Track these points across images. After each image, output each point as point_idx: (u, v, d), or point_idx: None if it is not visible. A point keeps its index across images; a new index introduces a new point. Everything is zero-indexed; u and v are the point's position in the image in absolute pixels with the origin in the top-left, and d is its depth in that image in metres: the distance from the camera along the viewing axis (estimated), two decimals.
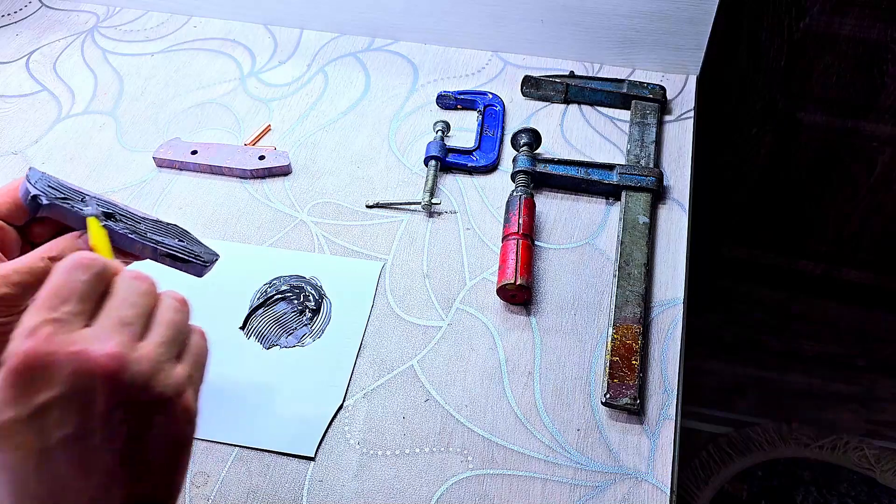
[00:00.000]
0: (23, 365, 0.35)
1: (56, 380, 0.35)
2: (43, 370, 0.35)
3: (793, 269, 1.36)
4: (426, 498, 0.56)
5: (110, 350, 0.36)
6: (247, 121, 0.84)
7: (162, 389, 0.38)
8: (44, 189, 0.47)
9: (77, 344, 0.36)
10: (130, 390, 0.36)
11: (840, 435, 1.30)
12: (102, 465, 0.36)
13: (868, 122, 1.08)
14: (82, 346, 0.36)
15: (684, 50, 0.85)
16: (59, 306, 0.37)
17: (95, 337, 0.37)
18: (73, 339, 0.36)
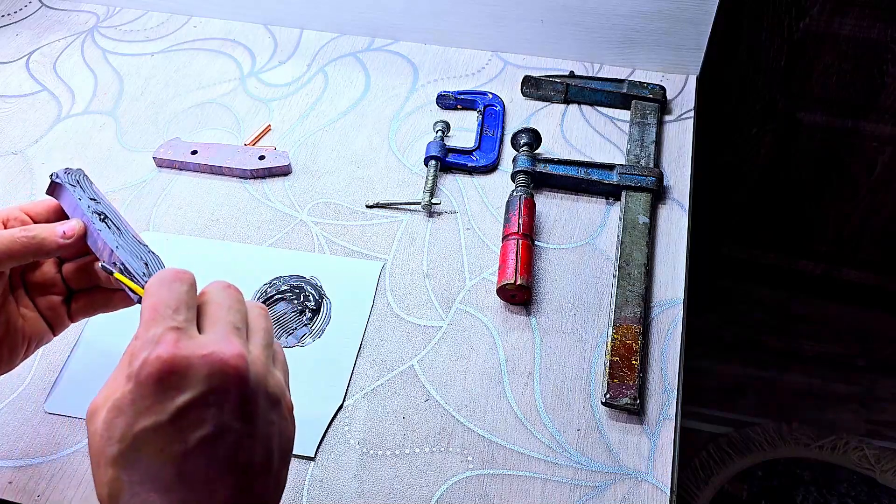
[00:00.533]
0: (160, 370, 0.36)
1: (192, 382, 0.37)
2: (179, 374, 0.37)
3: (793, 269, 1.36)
4: (426, 498, 0.56)
5: (237, 351, 0.38)
6: (247, 121, 0.84)
7: (273, 389, 0.40)
8: (65, 177, 0.51)
9: (206, 347, 0.38)
10: (256, 389, 0.39)
11: (840, 435, 1.30)
12: (236, 464, 0.38)
13: (868, 122, 1.08)
14: (212, 349, 0.38)
15: (684, 50, 0.85)
16: (173, 315, 0.39)
17: (218, 340, 0.38)
18: (201, 343, 0.38)
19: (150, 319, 0.38)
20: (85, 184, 0.52)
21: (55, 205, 0.51)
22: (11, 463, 0.58)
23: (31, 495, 0.56)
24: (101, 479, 0.37)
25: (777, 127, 1.12)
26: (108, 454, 0.37)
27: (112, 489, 0.37)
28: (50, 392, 0.62)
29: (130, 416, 0.37)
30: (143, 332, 0.38)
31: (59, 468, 0.58)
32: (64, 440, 0.59)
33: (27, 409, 0.61)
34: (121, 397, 0.37)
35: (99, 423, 0.38)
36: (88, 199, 0.51)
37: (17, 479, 0.57)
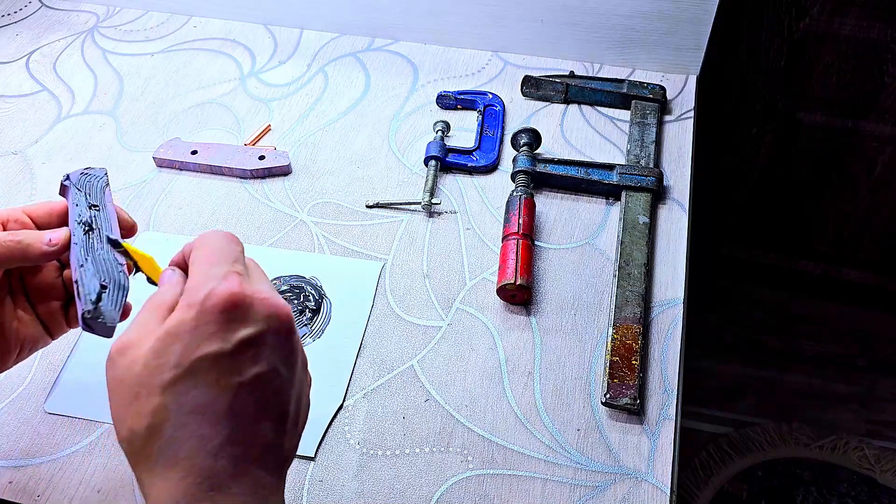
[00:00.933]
0: (227, 302, 0.38)
1: (254, 319, 0.39)
2: (243, 310, 0.38)
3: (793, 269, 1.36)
4: (426, 498, 0.56)
5: (287, 306, 0.41)
6: (247, 121, 0.84)
7: (304, 352, 0.43)
8: (76, 179, 0.51)
9: (264, 293, 0.40)
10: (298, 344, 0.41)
11: (840, 435, 1.30)
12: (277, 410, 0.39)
13: (868, 122, 1.08)
14: (270, 294, 0.40)
15: (684, 50, 0.85)
16: (234, 263, 0.41)
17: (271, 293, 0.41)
18: (259, 290, 0.40)
19: (213, 261, 0.40)
20: (94, 188, 0.50)
21: (59, 207, 0.51)
22: (11, 463, 0.58)
23: (31, 495, 0.56)
24: (140, 410, 0.37)
25: (777, 127, 1.12)
26: (158, 381, 0.37)
27: (155, 419, 0.37)
28: (50, 392, 0.62)
29: (191, 342, 0.37)
30: (205, 268, 0.40)
31: (59, 468, 0.58)
32: (64, 440, 0.59)
33: (27, 409, 0.61)
34: (177, 325, 0.38)
35: (140, 353, 0.38)
36: (86, 206, 0.49)
37: (18, 479, 0.57)
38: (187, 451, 0.37)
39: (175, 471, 0.37)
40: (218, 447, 0.37)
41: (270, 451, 0.39)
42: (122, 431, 0.38)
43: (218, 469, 0.37)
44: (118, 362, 0.39)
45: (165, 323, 0.38)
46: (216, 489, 0.37)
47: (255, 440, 0.38)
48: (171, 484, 0.36)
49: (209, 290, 0.38)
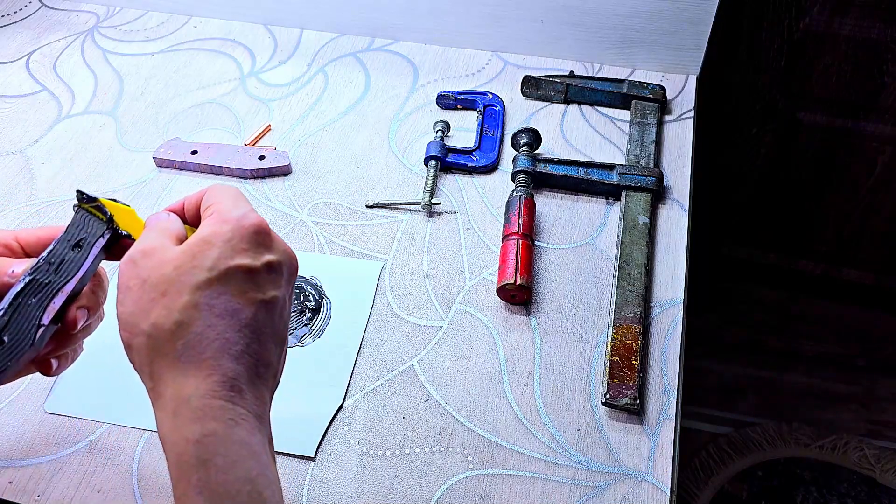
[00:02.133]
0: (259, 227, 0.43)
1: (276, 250, 0.43)
2: (269, 239, 0.43)
3: (793, 269, 1.36)
4: (426, 498, 0.56)
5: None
6: (247, 121, 0.84)
7: None
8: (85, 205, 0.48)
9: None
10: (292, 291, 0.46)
11: (840, 435, 1.30)
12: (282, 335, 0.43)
13: (868, 122, 1.08)
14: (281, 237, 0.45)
15: (684, 50, 0.85)
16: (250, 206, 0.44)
17: None
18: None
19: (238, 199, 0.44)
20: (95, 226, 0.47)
21: (46, 236, 0.48)
22: (12, 462, 0.58)
23: (31, 495, 0.56)
24: (169, 307, 0.39)
25: (777, 127, 1.12)
26: (192, 280, 0.39)
27: (185, 316, 0.39)
28: (50, 392, 0.62)
29: (226, 251, 0.41)
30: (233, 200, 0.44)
31: (59, 468, 0.58)
32: (64, 440, 0.59)
33: (27, 409, 0.61)
34: (212, 234, 0.41)
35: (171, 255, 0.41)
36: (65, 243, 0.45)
37: (18, 478, 0.57)
38: (213, 352, 0.39)
39: (200, 368, 0.39)
40: (239, 353, 0.39)
41: (272, 370, 0.42)
42: (143, 324, 0.39)
43: (238, 372, 0.39)
44: (142, 263, 0.41)
45: (198, 232, 0.42)
46: (235, 390, 0.39)
47: (263, 357, 0.41)
48: (196, 380, 0.38)
49: (243, 213, 0.42)
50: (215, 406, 0.38)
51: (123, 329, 0.41)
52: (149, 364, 0.40)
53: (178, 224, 0.45)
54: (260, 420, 0.40)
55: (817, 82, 1.05)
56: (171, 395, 0.39)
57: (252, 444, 0.39)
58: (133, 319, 0.40)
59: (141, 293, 0.40)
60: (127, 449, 0.59)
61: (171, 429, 0.38)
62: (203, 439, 0.37)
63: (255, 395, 0.40)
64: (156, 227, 0.44)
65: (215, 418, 0.38)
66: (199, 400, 0.38)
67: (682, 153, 0.80)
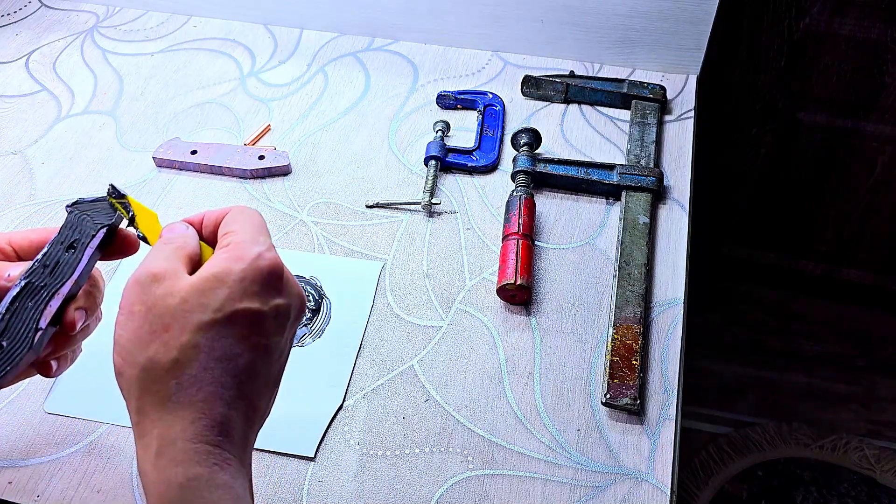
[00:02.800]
0: (273, 269, 0.41)
1: (287, 293, 0.41)
2: (283, 282, 0.41)
3: (793, 269, 1.36)
4: (426, 498, 0.56)
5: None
6: (246, 121, 0.84)
7: None
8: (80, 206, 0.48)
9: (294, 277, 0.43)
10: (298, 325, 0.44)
11: (840, 435, 1.30)
12: (276, 379, 0.43)
13: (868, 122, 1.08)
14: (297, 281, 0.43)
15: (684, 50, 0.85)
16: (269, 241, 0.43)
17: None
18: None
19: (257, 230, 0.42)
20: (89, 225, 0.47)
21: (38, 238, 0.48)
22: (11, 463, 0.58)
23: (31, 495, 0.56)
24: (168, 343, 0.38)
25: (777, 127, 1.12)
26: (195, 320, 0.38)
27: (182, 355, 0.38)
28: (49, 392, 0.62)
29: (236, 291, 0.39)
30: (253, 233, 0.42)
31: (59, 468, 0.58)
32: (64, 440, 0.59)
33: (27, 409, 0.61)
34: (224, 272, 0.39)
35: (180, 287, 0.39)
36: (59, 245, 0.45)
37: (17, 479, 0.57)
38: (206, 395, 0.38)
39: (191, 410, 0.38)
40: (232, 398, 0.38)
41: (260, 414, 0.41)
42: (139, 356, 0.38)
43: (228, 417, 0.38)
44: (150, 288, 0.39)
45: (210, 266, 0.40)
46: (223, 434, 0.38)
47: (255, 402, 0.40)
48: (184, 423, 0.38)
49: (259, 252, 0.40)
50: (201, 451, 0.37)
51: (118, 354, 0.39)
52: (137, 398, 0.39)
53: (194, 242, 0.43)
54: (242, 462, 0.39)
55: (817, 82, 1.05)
56: (158, 435, 0.38)
57: (234, 487, 0.38)
58: (131, 347, 0.39)
59: (143, 322, 0.39)
60: (126, 449, 0.59)
61: (154, 468, 0.37)
62: (187, 483, 0.37)
63: (242, 439, 0.40)
64: (171, 245, 0.42)
65: (200, 463, 0.37)
66: (185, 444, 0.37)
67: (683, 153, 0.80)
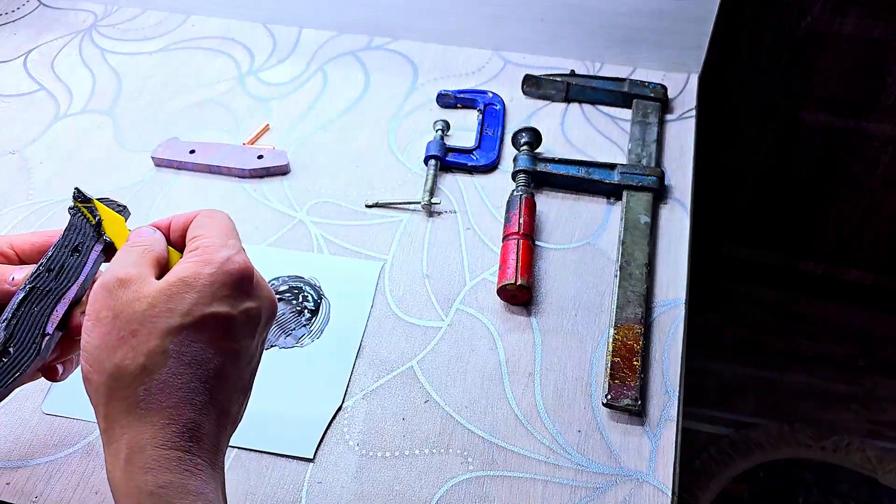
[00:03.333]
0: (243, 273, 0.40)
1: (257, 296, 0.41)
2: (252, 284, 0.41)
3: (793, 269, 1.35)
4: (426, 499, 0.56)
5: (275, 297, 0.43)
6: (245, 120, 0.83)
7: None
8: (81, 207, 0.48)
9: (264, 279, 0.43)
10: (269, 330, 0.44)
11: (841, 435, 1.30)
12: (247, 385, 0.42)
13: (869, 122, 1.08)
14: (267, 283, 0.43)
15: (686, 49, 0.85)
16: (239, 244, 0.42)
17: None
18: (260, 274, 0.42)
19: (226, 233, 0.42)
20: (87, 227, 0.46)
21: (41, 241, 0.48)
22: (9, 464, 0.58)
23: (29, 496, 0.56)
24: (136, 348, 0.37)
25: (778, 127, 1.12)
26: (164, 324, 0.37)
27: (151, 361, 0.37)
28: (47, 393, 0.61)
29: (205, 296, 0.38)
30: (221, 237, 0.41)
31: (58, 469, 0.57)
32: (62, 441, 0.59)
33: (25, 409, 0.61)
34: (193, 276, 0.39)
35: (147, 291, 0.38)
36: (63, 248, 0.45)
37: (15, 480, 0.57)
38: (175, 400, 0.37)
39: (160, 416, 0.37)
40: (202, 403, 0.38)
41: (231, 419, 0.41)
42: (106, 363, 0.38)
43: (199, 423, 0.38)
44: (116, 293, 0.38)
45: (178, 271, 0.39)
46: (194, 440, 0.38)
47: (226, 406, 0.40)
48: (153, 429, 0.37)
49: (229, 255, 0.40)
50: (172, 457, 0.37)
51: (85, 360, 0.39)
52: (105, 404, 0.38)
53: (161, 245, 0.43)
54: (214, 467, 0.39)
55: (818, 82, 1.05)
56: (126, 441, 0.37)
57: (206, 493, 0.38)
58: (97, 354, 0.38)
59: (111, 327, 0.38)
60: None
61: (124, 476, 0.37)
62: (157, 490, 0.36)
63: (213, 444, 0.39)
64: (137, 248, 0.42)
65: (171, 469, 0.37)
66: (155, 450, 0.37)
67: (684, 152, 0.79)
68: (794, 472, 1.27)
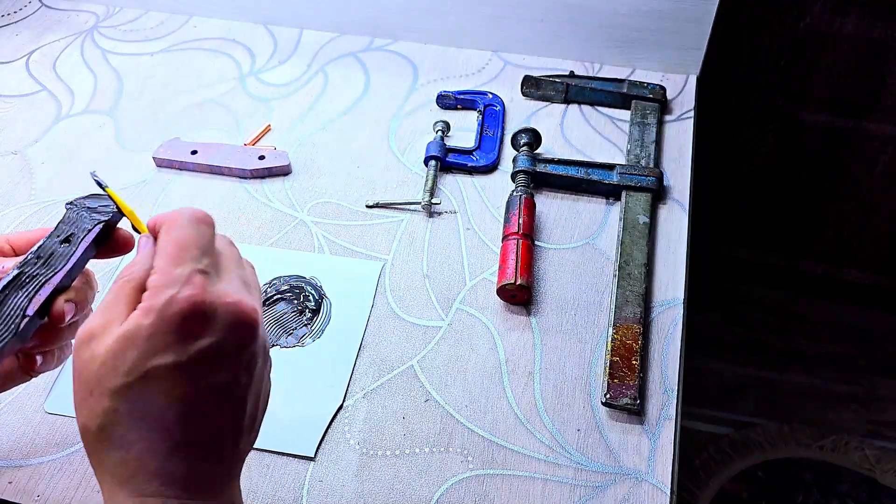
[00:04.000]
0: (187, 311, 0.36)
1: (216, 327, 0.37)
2: (205, 317, 0.36)
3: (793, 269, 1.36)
4: (426, 498, 0.56)
5: (253, 305, 0.38)
6: (246, 121, 0.84)
7: (268, 347, 0.41)
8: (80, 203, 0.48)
9: (230, 296, 0.38)
10: (261, 344, 0.40)
11: (840, 435, 1.30)
12: (237, 411, 0.39)
13: (869, 122, 1.08)
14: (235, 298, 0.38)
15: (685, 49, 0.85)
16: (200, 258, 0.38)
17: (237, 291, 0.38)
18: (225, 291, 0.38)
19: (177, 257, 0.38)
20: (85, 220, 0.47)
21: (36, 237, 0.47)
22: (11, 463, 0.58)
23: (31, 495, 0.56)
24: (93, 409, 0.36)
25: (777, 127, 1.12)
26: (110, 385, 0.36)
27: (105, 421, 0.36)
28: (49, 391, 0.62)
29: (146, 350, 0.36)
30: (168, 268, 0.37)
31: (59, 468, 0.58)
32: (64, 440, 0.59)
33: (27, 409, 0.61)
34: (134, 329, 0.36)
35: (100, 350, 0.36)
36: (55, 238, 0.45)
37: (17, 479, 0.57)
38: (136, 453, 0.36)
39: (124, 469, 0.36)
40: (168, 451, 0.36)
41: (227, 449, 0.39)
42: (78, 419, 0.37)
43: (170, 469, 0.36)
44: (82, 352, 0.37)
45: (124, 325, 0.37)
46: (168, 484, 0.36)
47: (209, 441, 0.38)
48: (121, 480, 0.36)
49: (170, 296, 0.36)
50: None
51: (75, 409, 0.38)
52: (88, 454, 0.38)
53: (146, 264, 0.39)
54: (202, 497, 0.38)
55: (818, 82, 1.05)
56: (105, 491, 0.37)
57: None
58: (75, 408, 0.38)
59: (77, 386, 0.37)
60: None
61: None
62: None
63: (195, 478, 0.37)
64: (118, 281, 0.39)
65: None
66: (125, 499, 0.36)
67: (683, 153, 0.80)
68: (793, 472, 1.28)
